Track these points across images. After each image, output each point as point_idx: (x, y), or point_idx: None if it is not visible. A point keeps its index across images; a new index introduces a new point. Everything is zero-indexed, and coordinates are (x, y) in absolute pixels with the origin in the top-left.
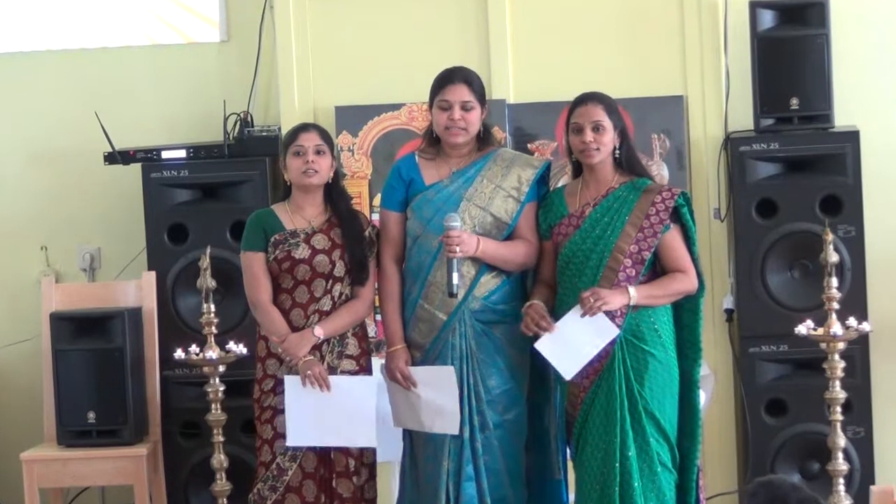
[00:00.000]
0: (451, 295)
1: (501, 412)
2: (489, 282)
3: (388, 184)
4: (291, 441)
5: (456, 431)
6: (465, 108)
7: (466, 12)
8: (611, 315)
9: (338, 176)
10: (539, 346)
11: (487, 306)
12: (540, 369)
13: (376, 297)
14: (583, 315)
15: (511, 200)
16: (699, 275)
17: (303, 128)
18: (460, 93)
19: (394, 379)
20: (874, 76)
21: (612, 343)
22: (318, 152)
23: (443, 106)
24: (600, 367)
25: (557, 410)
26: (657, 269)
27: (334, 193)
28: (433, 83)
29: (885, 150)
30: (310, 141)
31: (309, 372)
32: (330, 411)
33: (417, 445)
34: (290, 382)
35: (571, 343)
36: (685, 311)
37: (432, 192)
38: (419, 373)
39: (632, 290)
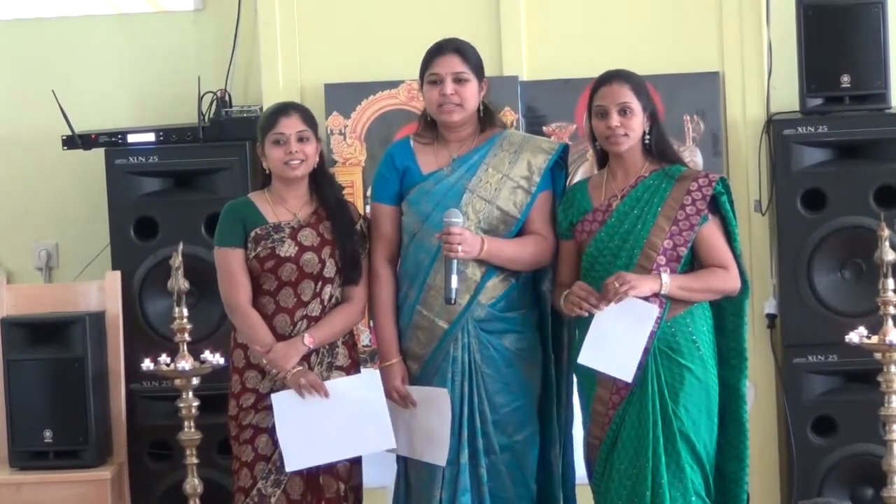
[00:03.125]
0: (449, 302)
1: (510, 433)
2: (497, 286)
3: (380, 173)
4: (291, 466)
5: (443, 463)
6: (458, 80)
7: None
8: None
9: (323, 160)
10: (583, 359)
11: (494, 314)
12: (544, 383)
13: None
14: (608, 303)
15: (520, 192)
16: (742, 273)
17: (282, 110)
18: (451, 63)
19: (390, 397)
20: None
21: (645, 354)
22: (301, 139)
23: (433, 80)
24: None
25: (566, 431)
26: (694, 267)
27: (320, 181)
28: (423, 58)
29: None
30: (291, 127)
31: (303, 381)
32: (333, 421)
33: (411, 469)
34: (280, 401)
35: (615, 341)
36: (728, 316)
37: (431, 182)
38: (413, 392)
39: (665, 276)
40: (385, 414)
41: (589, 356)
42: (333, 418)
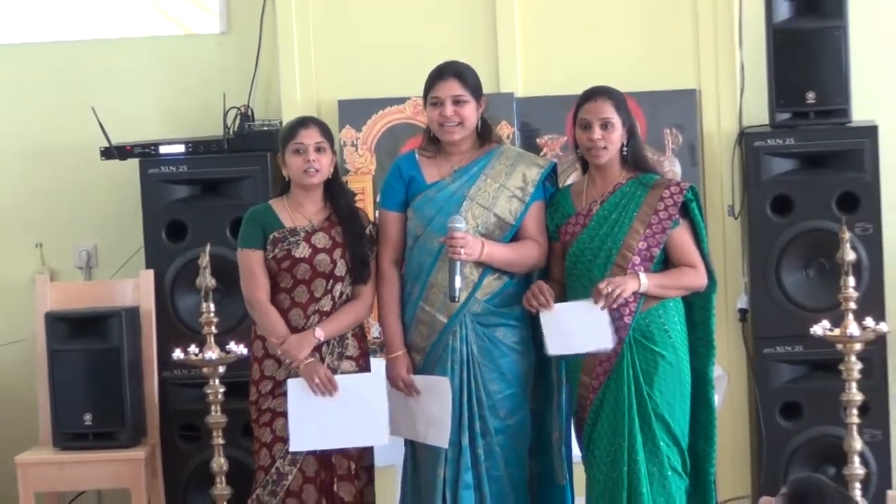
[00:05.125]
0: (453, 299)
1: (503, 417)
2: (492, 284)
3: (388, 183)
4: (294, 446)
5: (445, 445)
6: (457, 102)
7: (474, 3)
8: (619, 314)
9: (337, 171)
10: (551, 351)
11: (490, 309)
12: (542, 373)
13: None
14: (602, 306)
15: (515, 200)
16: (710, 271)
17: (302, 123)
18: (450, 88)
19: (395, 386)
20: (893, 69)
21: (621, 343)
22: (318, 150)
23: (434, 102)
24: (609, 367)
25: (564, 414)
26: (667, 266)
27: (334, 189)
28: (426, 81)
29: None
30: (310, 138)
31: (316, 378)
32: (337, 412)
33: (418, 450)
34: (293, 386)
35: (567, 331)
36: (697, 309)
37: (434, 190)
38: (416, 381)
39: (642, 276)
40: (384, 413)
41: (554, 347)
42: (338, 410)
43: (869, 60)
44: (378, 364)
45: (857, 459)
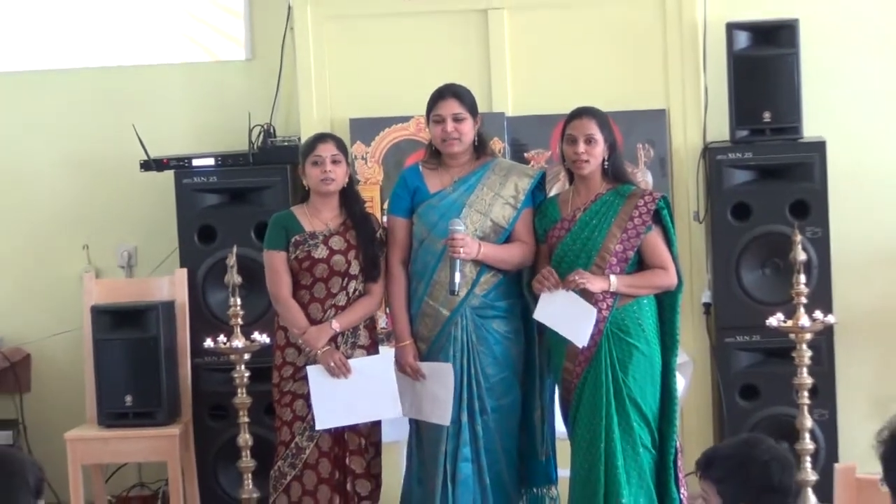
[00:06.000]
0: (453, 293)
1: (498, 398)
2: (488, 280)
3: (395, 192)
4: (320, 425)
5: (447, 423)
6: (457, 119)
7: (469, 33)
8: (594, 300)
9: (352, 181)
10: (536, 316)
11: (486, 303)
12: (528, 361)
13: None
14: (567, 289)
15: (508, 207)
16: (678, 272)
17: (320, 138)
18: (451, 107)
19: (403, 372)
20: (839, 91)
21: (600, 334)
22: (334, 161)
23: (437, 120)
24: (589, 355)
25: (548, 397)
26: (641, 267)
27: (349, 197)
28: (428, 101)
29: (848, 159)
30: (327, 151)
31: (332, 363)
32: (353, 392)
33: (422, 428)
34: (313, 372)
35: (558, 312)
36: (666, 308)
37: (436, 199)
38: (422, 367)
39: (613, 277)
40: (394, 390)
41: (540, 315)
42: (354, 390)
43: (818, 84)
44: (385, 351)
45: (807, 436)
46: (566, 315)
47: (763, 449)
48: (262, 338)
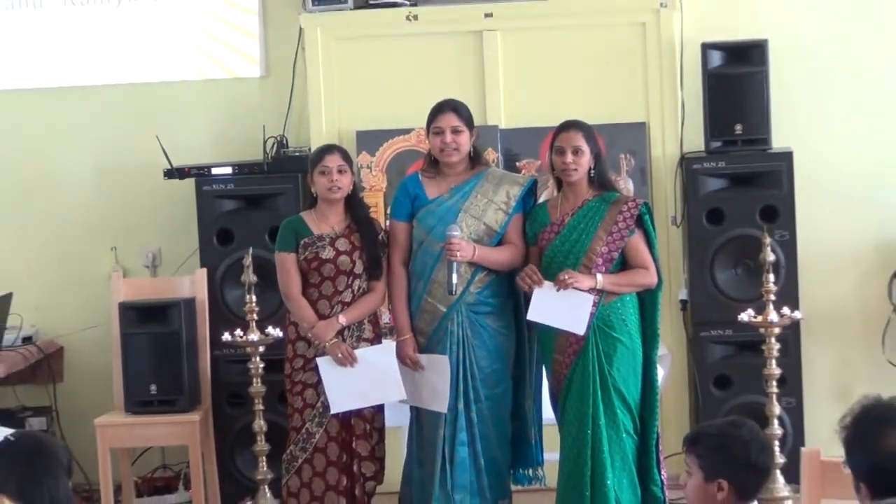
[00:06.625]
0: (450, 292)
1: (491, 387)
2: (482, 279)
3: (397, 199)
4: (335, 409)
5: (444, 410)
6: (455, 131)
7: (466, 53)
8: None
9: (356, 188)
10: (531, 317)
11: (480, 300)
12: (519, 354)
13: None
14: (557, 289)
15: (500, 213)
16: (658, 272)
17: (327, 150)
18: (449, 119)
19: (404, 363)
20: (805, 106)
21: (589, 328)
22: (340, 171)
23: (436, 132)
24: (578, 348)
25: (536, 387)
26: (625, 267)
27: (353, 203)
28: (428, 115)
29: (813, 168)
30: (333, 162)
31: (339, 354)
32: (361, 379)
33: (422, 415)
34: (323, 362)
35: (553, 306)
36: (647, 305)
37: (435, 205)
38: (421, 359)
39: (599, 276)
40: (397, 375)
41: (535, 315)
42: (361, 377)
43: (785, 99)
44: (386, 343)
45: (776, 422)
46: (561, 308)
47: (745, 430)
48: (275, 332)
